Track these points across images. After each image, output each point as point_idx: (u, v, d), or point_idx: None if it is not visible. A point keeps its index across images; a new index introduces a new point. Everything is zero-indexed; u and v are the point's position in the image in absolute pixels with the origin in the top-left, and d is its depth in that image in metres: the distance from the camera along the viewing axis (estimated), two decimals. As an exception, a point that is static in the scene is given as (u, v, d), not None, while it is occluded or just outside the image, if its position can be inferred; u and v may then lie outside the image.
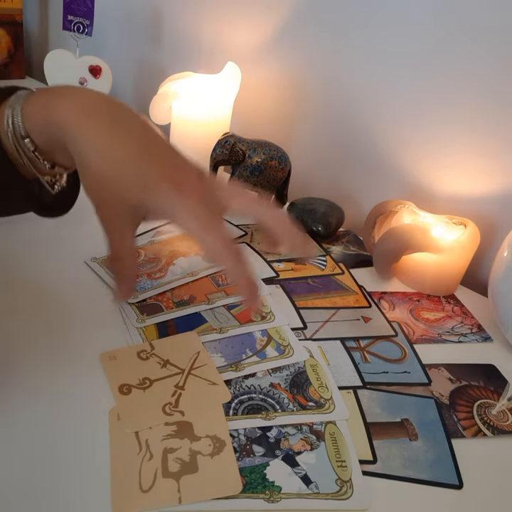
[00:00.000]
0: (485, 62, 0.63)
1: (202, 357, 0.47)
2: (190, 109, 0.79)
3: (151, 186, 0.37)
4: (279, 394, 0.45)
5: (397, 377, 0.49)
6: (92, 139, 0.36)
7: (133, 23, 1.09)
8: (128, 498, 0.35)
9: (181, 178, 0.38)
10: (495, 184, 0.66)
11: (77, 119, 0.36)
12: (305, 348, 0.50)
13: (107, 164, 0.36)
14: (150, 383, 0.44)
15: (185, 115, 0.80)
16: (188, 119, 0.80)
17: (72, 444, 0.38)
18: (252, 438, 0.40)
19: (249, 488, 0.36)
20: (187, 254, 0.62)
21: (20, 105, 0.37)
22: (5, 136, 0.37)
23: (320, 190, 0.84)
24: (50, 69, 1.01)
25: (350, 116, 0.79)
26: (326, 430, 0.42)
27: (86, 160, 0.37)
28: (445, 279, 0.63)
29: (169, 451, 0.38)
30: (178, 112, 0.80)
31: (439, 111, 0.69)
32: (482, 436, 0.44)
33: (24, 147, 0.38)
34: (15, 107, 0.37)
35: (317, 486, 0.37)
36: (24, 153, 0.38)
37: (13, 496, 0.34)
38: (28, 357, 0.45)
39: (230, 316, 0.53)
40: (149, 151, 0.38)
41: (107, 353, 0.46)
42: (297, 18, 0.81)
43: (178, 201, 0.37)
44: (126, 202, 0.37)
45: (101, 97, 0.38)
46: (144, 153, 0.37)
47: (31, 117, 0.37)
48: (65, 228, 0.65)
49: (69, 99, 0.37)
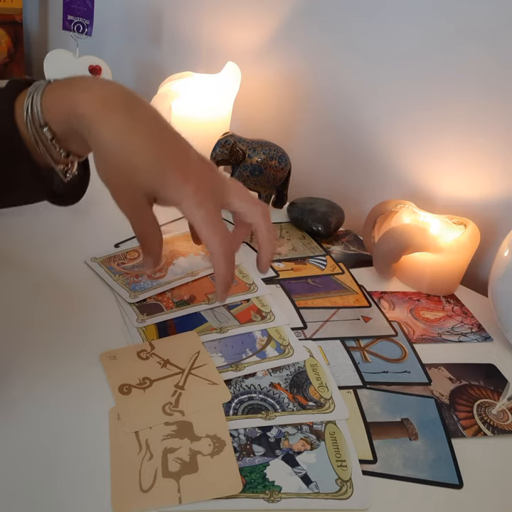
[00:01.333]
0: (484, 62, 0.63)
1: (202, 357, 0.47)
2: (190, 109, 0.79)
3: (163, 174, 0.39)
4: (279, 394, 0.45)
5: (397, 376, 0.49)
6: (111, 128, 0.38)
7: (133, 23, 1.09)
8: (128, 497, 0.35)
9: (191, 170, 0.40)
10: (495, 184, 0.66)
11: (96, 109, 0.37)
12: (305, 348, 0.50)
13: (124, 150, 0.38)
14: (150, 383, 0.44)
15: (185, 115, 0.80)
16: (188, 119, 0.80)
17: (72, 443, 0.38)
18: (252, 438, 0.40)
19: (249, 488, 0.36)
20: (187, 254, 0.62)
21: (39, 95, 0.38)
22: (23, 126, 0.39)
23: (320, 190, 0.84)
24: (50, 69, 1.00)
25: (350, 117, 0.79)
26: (326, 430, 0.42)
27: (104, 147, 0.38)
28: (445, 279, 0.63)
29: (169, 451, 0.38)
30: (178, 111, 0.80)
31: (439, 111, 0.69)
32: (482, 436, 0.44)
33: (42, 136, 0.39)
34: (34, 97, 0.38)
35: (317, 486, 0.37)
36: (42, 141, 0.39)
37: (13, 495, 0.34)
38: (27, 357, 0.45)
39: (230, 316, 0.53)
40: (162, 140, 0.40)
41: (107, 353, 0.46)
42: (297, 18, 0.81)
43: (186, 194, 0.39)
44: (140, 186, 0.39)
45: (117, 87, 0.40)
46: (157, 142, 0.39)
47: (51, 107, 0.38)
48: (65, 228, 0.65)
49: (87, 91, 0.38)
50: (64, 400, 0.41)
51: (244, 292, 0.57)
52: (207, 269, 0.59)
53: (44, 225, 0.65)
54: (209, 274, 0.59)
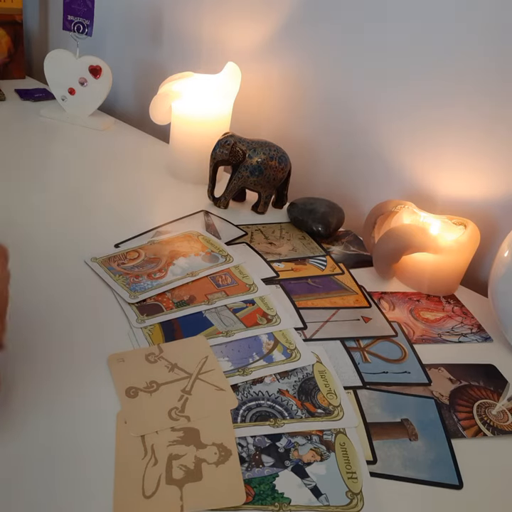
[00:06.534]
0: (484, 62, 0.63)
1: (210, 361, 0.47)
2: (191, 109, 0.79)
3: None
4: (288, 401, 0.44)
5: (397, 377, 0.49)
6: None
7: (133, 23, 1.09)
8: (130, 503, 0.34)
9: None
10: (495, 184, 0.66)
11: None
12: (312, 353, 0.49)
13: None
14: (157, 387, 0.43)
15: (186, 115, 0.80)
16: (188, 119, 0.80)
17: (77, 445, 0.38)
18: (262, 448, 0.40)
19: (258, 500, 0.36)
20: (187, 254, 0.62)
21: None
22: None
23: (320, 190, 0.84)
24: (50, 69, 1.00)
25: (350, 117, 0.79)
26: (336, 441, 0.41)
27: None
28: (445, 279, 0.63)
29: (174, 458, 0.38)
30: (178, 111, 0.80)
31: (439, 112, 0.69)
32: (482, 436, 0.44)
33: None
34: None
35: (327, 499, 0.37)
36: None
37: (15, 497, 0.34)
38: (28, 357, 0.45)
39: (235, 319, 0.53)
40: None
41: (116, 355, 0.46)
42: (297, 18, 0.81)
43: None
44: None
45: None
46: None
47: None
48: (65, 228, 0.65)
49: None
50: (69, 402, 0.41)
51: (245, 293, 0.57)
52: (207, 269, 0.59)
53: (44, 225, 0.65)
54: (209, 274, 0.59)
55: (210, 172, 0.74)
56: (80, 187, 0.77)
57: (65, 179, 0.79)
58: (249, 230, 0.71)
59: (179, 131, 0.82)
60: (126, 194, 0.76)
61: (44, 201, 0.70)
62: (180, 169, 0.83)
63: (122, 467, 0.37)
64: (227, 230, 0.70)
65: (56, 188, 0.75)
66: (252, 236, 0.70)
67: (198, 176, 0.81)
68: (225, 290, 0.57)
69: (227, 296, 0.56)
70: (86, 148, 0.91)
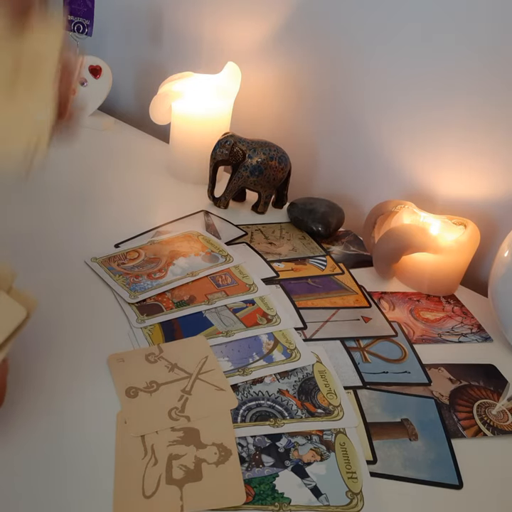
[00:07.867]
0: (484, 62, 0.63)
1: (210, 361, 0.47)
2: (191, 108, 0.79)
3: None
4: (288, 400, 0.44)
5: (397, 377, 0.49)
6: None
7: (133, 23, 1.09)
8: (130, 503, 0.34)
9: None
10: (495, 185, 0.66)
11: None
12: (312, 353, 0.49)
13: None
14: (157, 387, 0.43)
15: (186, 115, 0.80)
16: (189, 119, 0.80)
17: (77, 445, 0.38)
18: (262, 448, 0.40)
19: (258, 500, 0.36)
20: (187, 254, 0.62)
21: None
22: None
23: (320, 190, 0.84)
24: (50, 69, 1.00)
25: (350, 117, 0.79)
26: (336, 440, 0.41)
27: None
28: (445, 279, 0.63)
29: (174, 458, 0.38)
30: (178, 111, 0.80)
31: (439, 112, 0.69)
32: (482, 436, 0.44)
33: None
34: None
35: (327, 498, 0.37)
36: None
37: (16, 498, 0.34)
38: (29, 358, 0.45)
39: (235, 319, 0.53)
40: None
41: (115, 355, 0.46)
42: (297, 18, 0.81)
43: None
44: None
45: None
46: None
47: None
48: (65, 228, 0.65)
49: None
50: (69, 402, 0.41)
51: (245, 293, 0.57)
52: (207, 269, 0.59)
53: (44, 225, 0.65)
54: (209, 274, 0.59)
55: (210, 172, 0.74)
56: (79, 187, 0.77)
57: (65, 179, 0.79)
58: (249, 230, 0.71)
59: (179, 131, 0.82)
60: (126, 194, 0.75)
61: (44, 201, 0.70)
62: (180, 169, 0.83)
63: (122, 467, 0.37)
64: (227, 230, 0.70)
65: (56, 188, 0.75)
66: (252, 236, 0.70)
67: (198, 175, 0.81)
68: (225, 290, 0.57)
69: (227, 296, 0.56)
70: (86, 148, 0.91)
